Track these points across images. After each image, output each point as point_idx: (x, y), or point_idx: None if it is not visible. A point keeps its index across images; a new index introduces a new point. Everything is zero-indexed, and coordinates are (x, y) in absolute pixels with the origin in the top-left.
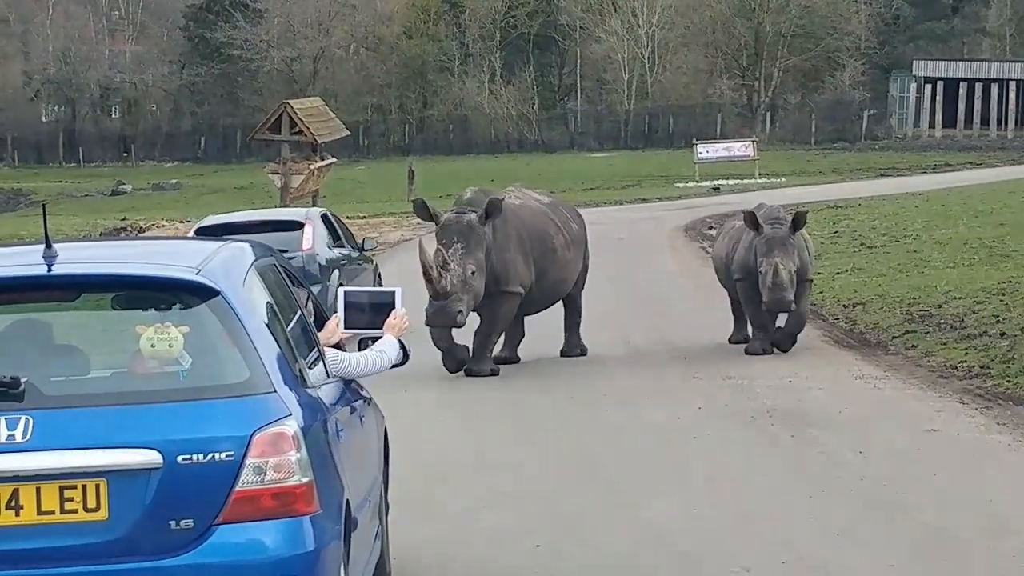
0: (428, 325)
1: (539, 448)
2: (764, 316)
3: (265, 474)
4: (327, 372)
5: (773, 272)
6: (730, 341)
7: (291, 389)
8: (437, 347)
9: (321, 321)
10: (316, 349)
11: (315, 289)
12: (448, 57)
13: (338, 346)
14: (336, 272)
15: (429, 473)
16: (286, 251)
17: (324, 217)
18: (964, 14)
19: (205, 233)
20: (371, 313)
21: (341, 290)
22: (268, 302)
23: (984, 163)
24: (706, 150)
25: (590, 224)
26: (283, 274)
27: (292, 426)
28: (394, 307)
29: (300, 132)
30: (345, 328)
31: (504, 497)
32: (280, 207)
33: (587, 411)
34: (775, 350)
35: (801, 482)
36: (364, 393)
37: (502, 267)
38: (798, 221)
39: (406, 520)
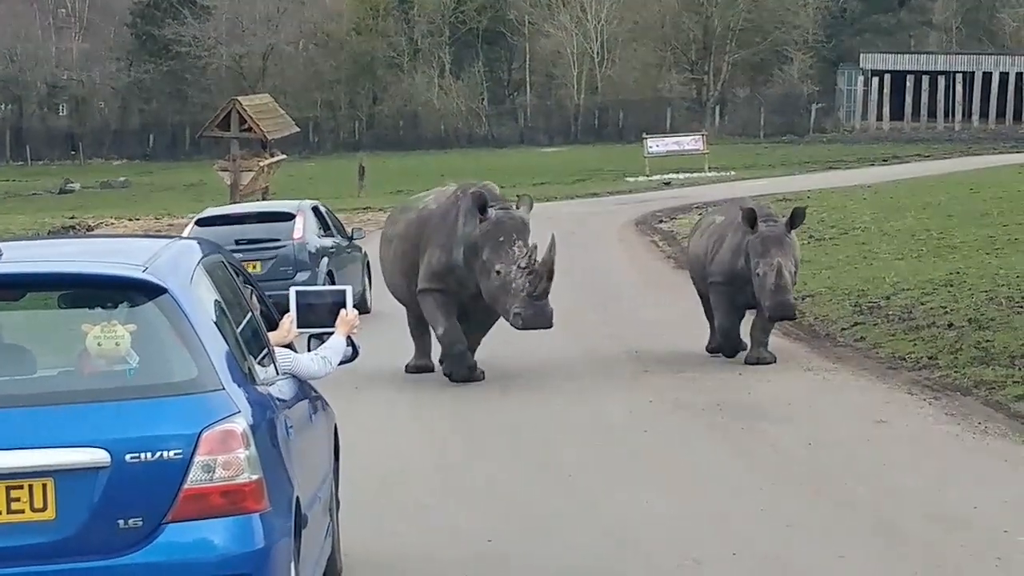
0: (525, 328)
1: (491, 444)
2: (734, 325)
3: (214, 472)
4: (277, 370)
5: (776, 273)
6: (708, 349)
7: (240, 387)
8: (451, 351)
9: (268, 319)
10: (266, 347)
11: (304, 275)
12: (397, 53)
13: (289, 345)
14: (325, 259)
15: (382, 470)
16: (278, 240)
17: (315, 209)
18: (911, 7)
19: (204, 224)
20: (323, 312)
21: (293, 290)
22: (216, 300)
23: (932, 155)
24: (656, 144)
25: (542, 219)
26: (232, 271)
27: (241, 423)
28: (345, 305)
29: (249, 129)
30: (298, 327)
31: (457, 493)
32: (231, 203)
33: (539, 407)
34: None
35: (751, 474)
36: (314, 391)
37: None
38: (796, 217)
39: (359, 517)
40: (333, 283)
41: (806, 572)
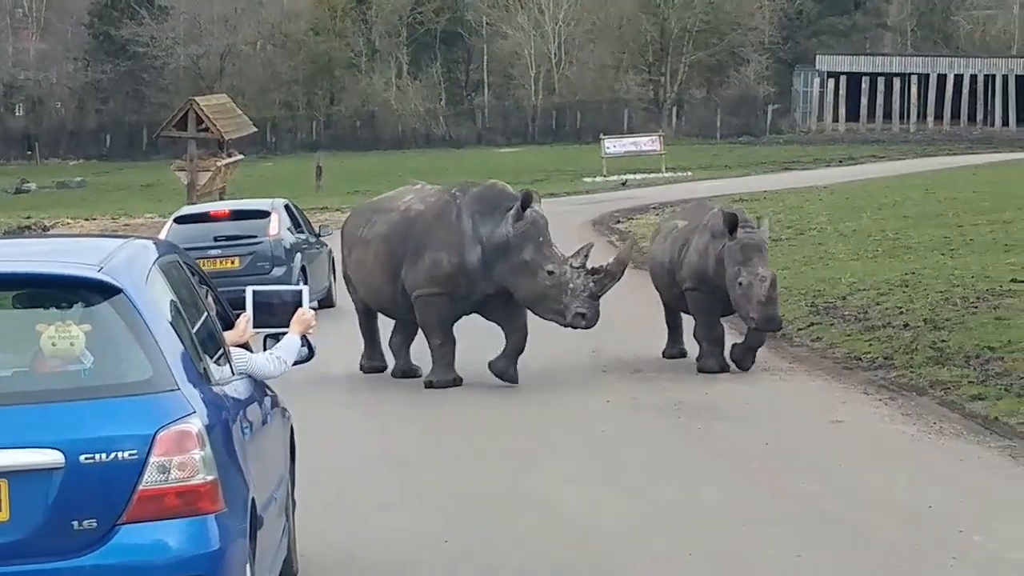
0: (587, 327)
1: (448, 444)
2: (718, 328)
3: (169, 473)
4: (232, 370)
5: (770, 285)
6: (664, 355)
7: (195, 387)
8: (442, 362)
9: (224, 319)
10: (221, 347)
11: (281, 271)
12: (355, 53)
13: (245, 345)
14: (299, 255)
15: (339, 470)
16: (255, 236)
17: (287, 207)
18: (866, 9)
19: (183, 222)
20: (279, 312)
21: (249, 289)
22: (172, 299)
23: (887, 156)
24: (613, 145)
25: None
26: (187, 271)
27: (196, 424)
28: (301, 305)
29: (207, 129)
30: (255, 327)
31: (414, 493)
32: (189, 204)
33: (497, 406)
34: (732, 367)
35: (708, 473)
36: (270, 391)
37: None
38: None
39: (316, 518)
40: (306, 278)
41: (763, 571)
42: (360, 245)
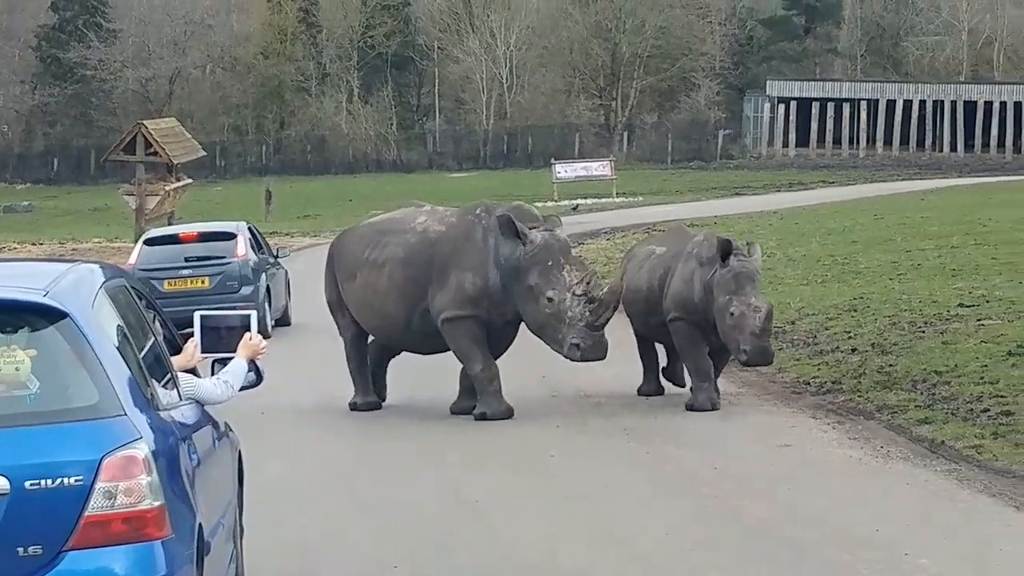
0: (583, 360)
1: (398, 469)
2: (707, 362)
3: (115, 498)
4: (180, 396)
5: (765, 316)
6: (640, 392)
7: (142, 412)
8: (487, 390)
9: (171, 343)
10: (169, 371)
11: (248, 289)
12: (305, 77)
13: (193, 370)
14: (264, 275)
15: (288, 496)
16: (224, 257)
17: (249, 228)
18: (816, 35)
19: (152, 244)
20: (227, 336)
21: (197, 314)
22: (119, 324)
23: (836, 181)
24: (564, 169)
25: None
26: (134, 295)
27: (143, 449)
28: (249, 329)
29: (155, 153)
30: (203, 352)
31: (363, 519)
32: (137, 228)
33: (447, 431)
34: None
35: (657, 498)
36: (218, 416)
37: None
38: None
39: (265, 544)
40: (270, 297)
41: None
42: (368, 268)
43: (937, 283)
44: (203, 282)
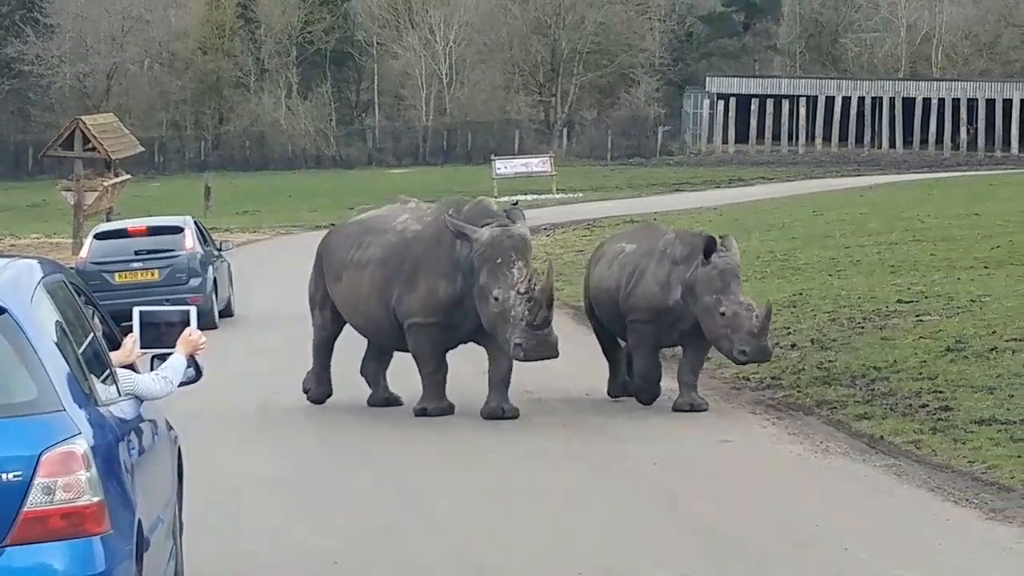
0: (527, 360)
1: (339, 464)
2: (658, 367)
3: (54, 494)
4: (119, 391)
5: (766, 315)
6: (609, 394)
7: (81, 407)
8: (434, 391)
9: (110, 339)
10: (108, 367)
11: (197, 281)
12: (244, 73)
13: (131, 366)
14: (211, 267)
15: (228, 491)
16: (173, 250)
17: (195, 223)
18: (755, 31)
19: (103, 238)
20: (166, 332)
21: (136, 310)
22: (57, 320)
23: (776, 178)
24: (504, 166)
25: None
26: (73, 291)
27: (82, 445)
28: (188, 325)
29: (93, 148)
30: (142, 347)
31: (304, 514)
32: (75, 224)
33: (388, 426)
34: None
35: (598, 493)
36: (157, 412)
37: None
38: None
39: (204, 540)
40: (216, 289)
41: None
42: (353, 269)
43: (876, 279)
44: (153, 274)
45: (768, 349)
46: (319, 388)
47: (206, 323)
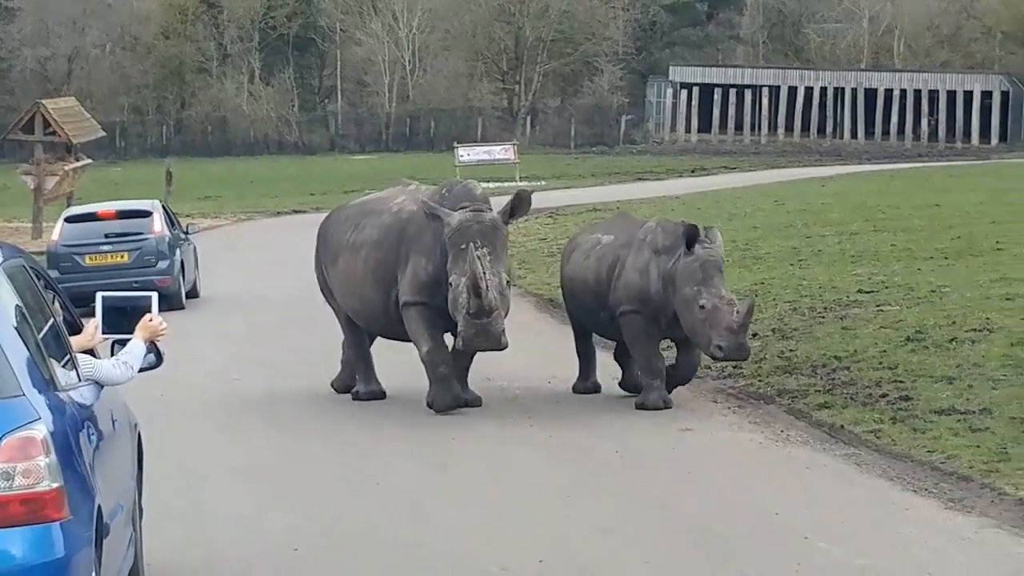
0: (469, 350)
1: (301, 453)
2: (660, 360)
3: (13, 479)
4: (79, 376)
5: (747, 311)
6: (575, 390)
7: (40, 393)
8: (435, 375)
9: (70, 324)
10: (68, 352)
11: (165, 263)
12: (206, 58)
13: (91, 351)
14: (178, 250)
15: (188, 478)
16: (142, 233)
17: (163, 206)
18: (719, 21)
19: (73, 221)
20: (128, 318)
21: (99, 295)
22: (17, 304)
23: (738, 167)
24: (467, 153)
25: None
26: (33, 276)
27: (41, 430)
28: (150, 311)
29: (54, 133)
30: (104, 333)
31: (264, 501)
32: (35, 209)
33: (349, 415)
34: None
35: (559, 482)
36: (117, 397)
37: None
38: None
39: (164, 526)
40: (184, 271)
41: None
42: (348, 252)
43: (837, 269)
44: (122, 257)
45: (746, 347)
46: (367, 386)
47: (174, 304)
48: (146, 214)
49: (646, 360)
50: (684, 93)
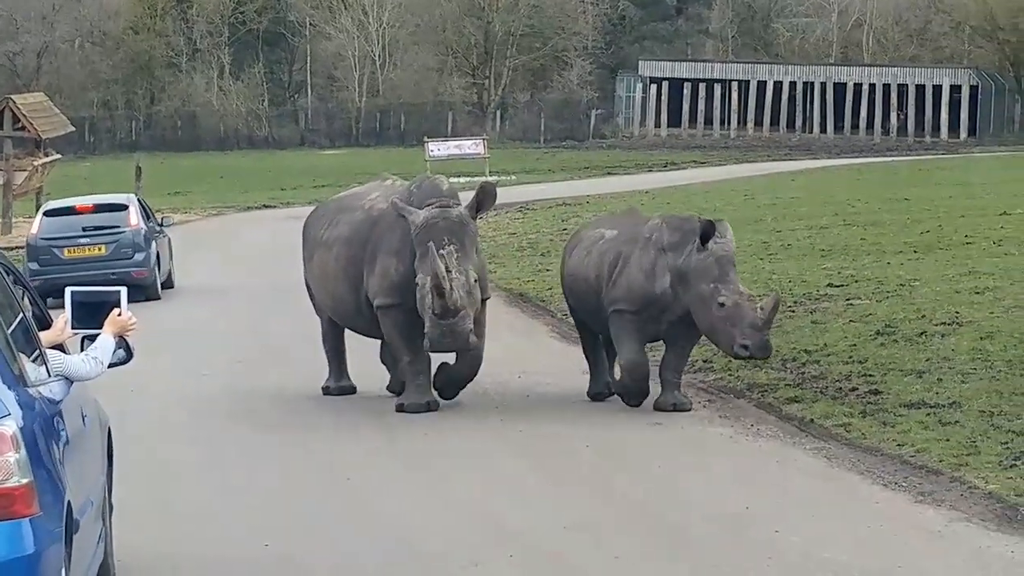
0: (433, 351)
1: (269, 448)
2: (646, 359)
3: None
4: (48, 372)
5: (772, 308)
6: (590, 395)
7: (10, 388)
8: (412, 383)
9: (40, 319)
10: (37, 348)
11: (141, 255)
12: (176, 53)
13: (60, 347)
14: (154, 242)
15: (158, 474)
16: (119, 226)
17: (139, 200)
18: (688, 15)
19: (52, 215)
20: (98, 313)
21: (68, 290)
22: None
23: (708, 162)
24: (437, 148)
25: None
26: (2, 271)
27: (11, 426)
28: (119, 306)
29: (23, 128)
30: (73, 328)
31: (233, 497)
32: (4, 204)
33: (319, 411)
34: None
35: (530, 476)
36: (87, 393)
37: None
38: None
39: (134, 522)
40: (160, 262)
41: (582, 572)
42: (322, 249)
43: (807, 263)
44: (100, 249)
45: (770, 345)
46: (338, 382)
47: (150, 295)
48: (123, 208)
49: (631, 360)
50: (654, 87)
